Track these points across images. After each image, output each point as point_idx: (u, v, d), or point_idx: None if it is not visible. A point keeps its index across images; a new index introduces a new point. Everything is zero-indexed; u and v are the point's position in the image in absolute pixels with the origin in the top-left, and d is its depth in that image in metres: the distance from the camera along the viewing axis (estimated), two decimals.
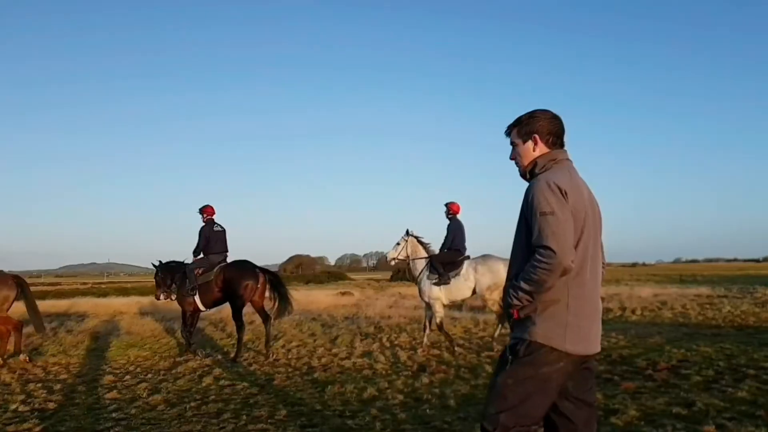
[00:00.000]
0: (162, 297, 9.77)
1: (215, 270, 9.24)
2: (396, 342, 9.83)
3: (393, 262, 9.95)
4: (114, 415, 5.53)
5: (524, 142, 2.70)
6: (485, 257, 9.27)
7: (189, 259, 9.66)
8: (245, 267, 9.35)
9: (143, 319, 14.14)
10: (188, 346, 9.30)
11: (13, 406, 5.96)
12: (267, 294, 9.49)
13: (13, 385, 7.01)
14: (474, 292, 9.19)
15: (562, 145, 2.71)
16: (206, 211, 9.64)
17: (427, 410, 5.16)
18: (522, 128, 2.70)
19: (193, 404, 5.77)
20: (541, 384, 2.43)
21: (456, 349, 8.57)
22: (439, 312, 9.10)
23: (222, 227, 9.66)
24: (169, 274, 9.68)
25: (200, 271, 9.33)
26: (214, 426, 5.00)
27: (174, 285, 9.60)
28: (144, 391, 6.51)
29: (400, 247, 9.65)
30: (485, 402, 2.54)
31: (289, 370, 7.67)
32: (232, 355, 8.82)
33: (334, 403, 5.70)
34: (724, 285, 24.54)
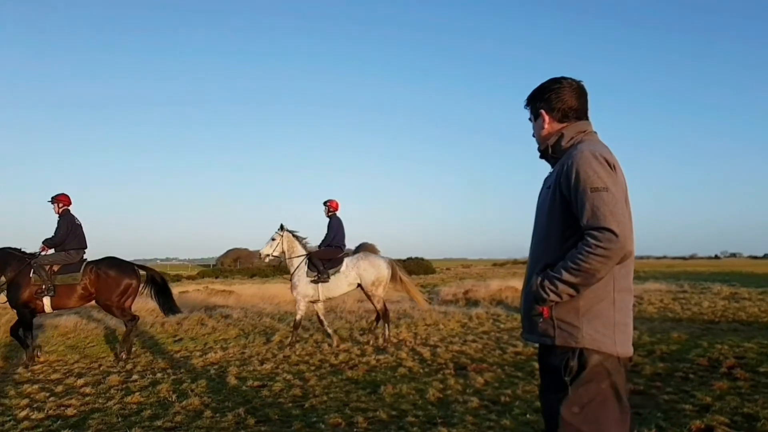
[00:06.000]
0: None
1: (83, 270, 8.00)
2: (401, 337, 9.36)
3: (267, 259, 9.42)
4: (158, 423, 4.80)
5: (536, 118, 2.37)
6: (366, 254, 9.22)
7: (37, 249, 8.15)
8: (125, 266, 8.32)
9: (95, 312, 12.94)
10: (25, 347, 7.87)
11: (22, 413, 5.17)
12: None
13: (6, 388, 6.11)
14: (355, 287, 9.15)
15: (580, 118, 2.30)
16: (61, 199, 8.27)
17: (527, 415, 4.70)
18: (534, 103, 2.37)
19: (242, 410, 5.08)
20: (608, 400, 2.01)
21: (331, 344, 8.57)
22: (302, 310, 9.05)
23: (79, 221, 8.36)
24: None
25: (55, 269, 7.98)
26: None
27: (2, 279, 7.91)
28: (169, 394, 5.78)
29: (275, 243, 9.23)
30: None
31: (311, 368, 7.06)
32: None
33: (406, 407, 5.13)
34: (669, 281, 25.08)
